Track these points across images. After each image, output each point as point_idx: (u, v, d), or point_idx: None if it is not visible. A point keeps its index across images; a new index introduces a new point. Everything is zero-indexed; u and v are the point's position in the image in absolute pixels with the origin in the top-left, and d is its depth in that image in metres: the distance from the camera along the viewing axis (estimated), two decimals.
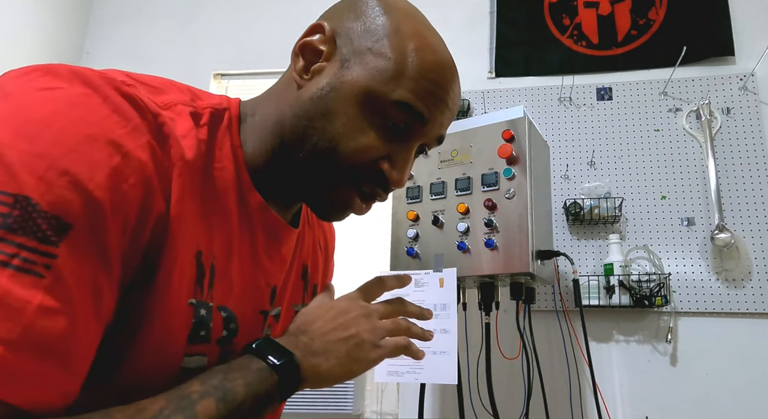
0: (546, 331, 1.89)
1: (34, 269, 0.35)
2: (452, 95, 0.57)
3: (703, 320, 1.83)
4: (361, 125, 0.53)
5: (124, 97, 0.44)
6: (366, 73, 0.53)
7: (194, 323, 0.49)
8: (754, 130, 1.96)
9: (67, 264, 0.37)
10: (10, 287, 0.34)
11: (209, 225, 0.51)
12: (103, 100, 0.42)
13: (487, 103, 2.18)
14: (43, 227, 0.36)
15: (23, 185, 0.36)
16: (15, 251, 0.35)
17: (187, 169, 0.47)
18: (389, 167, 0.55)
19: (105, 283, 0.40)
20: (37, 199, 0.36)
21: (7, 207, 0.35)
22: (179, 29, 2.61)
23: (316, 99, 0.54)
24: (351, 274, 2.16)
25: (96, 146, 0.39)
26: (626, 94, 2.10)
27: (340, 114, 0.52)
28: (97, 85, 0.43)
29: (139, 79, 0.49)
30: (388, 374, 1.39)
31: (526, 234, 1.36)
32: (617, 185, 1.99)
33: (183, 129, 0.49)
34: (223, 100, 0.57)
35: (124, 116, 0.43)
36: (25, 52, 2.34)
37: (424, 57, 0.54)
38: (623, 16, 2.20)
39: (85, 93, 0.42)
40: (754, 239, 1.85)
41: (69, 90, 0.41)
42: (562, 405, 1.80)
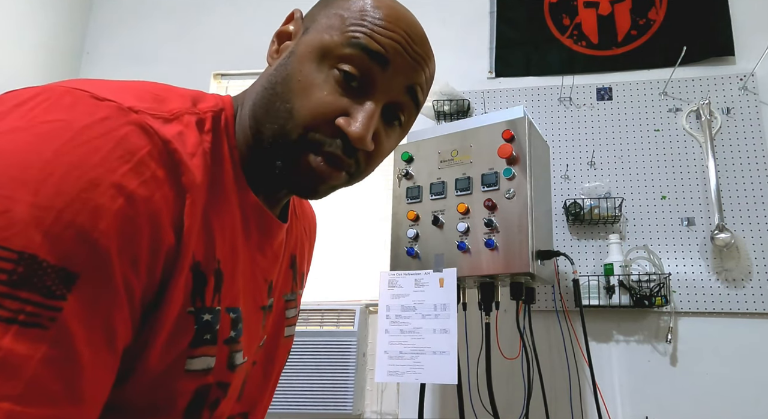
0: (546, 331, 1.89)
1: (39, 322, 0.37)
2: (416, 42, 0.55)
3: (703, 320, 1.83)
4: (314, 80, 0.52)
5: (132, 124, 0.43)
6: (321, 31, 0.54)
7: (197, 329, 0.50)
8: (754, 130, 1.96)
9: (74, 313, 0.38)
10: (12, 346, 0.35)
11: (210, 231, 0.51)
12: (106, 133, 0.41)
13: (487, 103, 2.18)
14: (48, 282, 0.37)
15: (29, 242, 0.37)
16: (20, 306, 0.36)
17: (198, 192, 0.48)
18: (345, 121, 0.52)
19: (118, 318, 0.42)
20: (43, 255, 0.37)
21: (11, 264, 0.36)
22: (179, 29, 2.61)
23: (279, 66, 0.55)
24: (351, 274, 2.16)
25: (98, 192, 0.40)
26: (626, 94, 2.10)
27: (296, 73, 0.53)
28: (102, 116, 0.42)
29: (141, 88, 0.49)
30: (388, 374, 1.39)
31: (526, 234, 1.36)
32: (617, 185, 1.99)
33: (191, 145, 0.49)
34: (219, 100, 0.57)
35: (128, 150, 0.42)
36: (25, 52, 2.34)
37: (377, 8, 0.53)
38: (623, 16, 2.20)
39: (87, 126, 0.41)
40: (754, 239, 1.85)
41: (72, 123, 0.41)
42: (562, 405, 1.80)
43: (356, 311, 2.04)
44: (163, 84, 0.53)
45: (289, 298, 0.73)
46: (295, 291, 0.75)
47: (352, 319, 2.03)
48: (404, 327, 1.41)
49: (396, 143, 0.60)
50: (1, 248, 0.36)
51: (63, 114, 0.41)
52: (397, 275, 1.47)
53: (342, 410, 1.90)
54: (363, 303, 2.08)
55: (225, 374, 0.54)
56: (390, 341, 1.42)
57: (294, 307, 0.75)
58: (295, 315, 0.76)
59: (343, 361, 1.95)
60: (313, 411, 1.90)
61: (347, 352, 1.96)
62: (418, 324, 1.40)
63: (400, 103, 0.56)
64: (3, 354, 0.35)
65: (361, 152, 0.55)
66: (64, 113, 0.41)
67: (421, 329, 1.39)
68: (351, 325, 2.02)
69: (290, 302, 0.73)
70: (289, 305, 0.73)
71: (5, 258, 0.36)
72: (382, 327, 1.44)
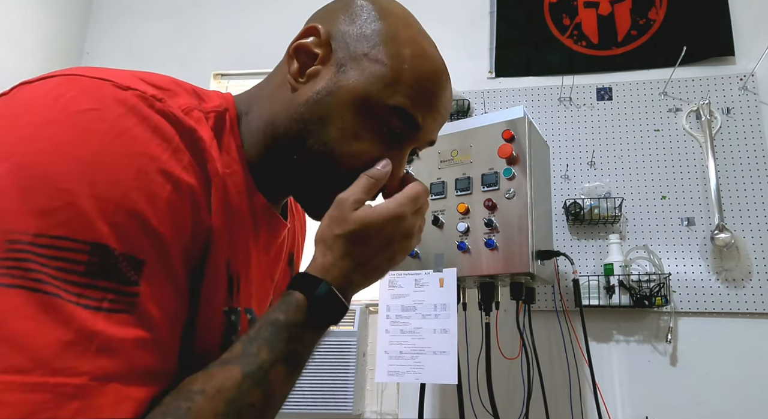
0: (546, 331, 1.89)
1: (123, 308, 0.38)
2: (444, 102, 0.58)
3: (703, 320, 1.83)
4: (356, 130, 0.53)
5: (160, 114, 0.44)
6: (363, 79, 0.53)
7: (226, 329, 0.51)
8: (754, 130, 1.96)
9: (148, 297, 0.40)
10: (106, 328, 0.37)
11: (230, 232, 0.52)
12: (141, 121, 0.42)
13: (487, 103, 2.18)
14: (122, 270, 0.39)
15: (97, 233, 0.38)
16: (102, 295, 0.38)
17: (220, 182, 0.49)
18: None
19: (179, 307, 0.44)
20: (112, 244, 0.38)
21: (86, 255, 0.37)
22: (179, 29, 2.61)
23: (312, 103, 0.54)
24: None
25: (149, 179, 0.41)
26: (626, 94, 2.10)
27: (336, 119, 0.53)
28: (131, 104, 0.43)
29: (149, 80, 0.49)
30: (388, 374, 1.39)
31: (526, 234, 1.36)
32: (617, 185, 1.99)
33: (208, 138, 0.49)
34: (222, 100, 0.57)
35: (164, 137, 0.43)
36: (25, 52, 2.34)
37: (420, 64, 0.54)
38: (623, 16, 2.20)
39: (121, 115, 0.42)
40: (754, 239, 1.85)
41: (105, 113, 0.41)
42: (562, 405, 1.80)
43: (356, 311, 2.04)
44: (165, 76, 0.53)
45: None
46: None
47: (352, 319, 2.03)
48: (404, 327, 1.41)
49: None
50: (73, 240, 0.37)
51: (93, 103, 0.41)
52: (397, 275, 1.47)
53: (342, 410, 1.90)
54: (363, 303, 2.08)
55: None
56: (390, 341, 1.42)
57: None
58: None
59: (343, 361, 1.95)
60: (313, 411, 1.90)
61: (347, 352, 1.96)
62: (418, 323, 1.40)
63: (421, 147, 0.61)
64: (102, 339, 0.36)
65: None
66: (94, 102, 0.41)
67: (421, 329, 1.39)
68: (351, 325, 2.02)
69: None
70: None
71: (79, 250, 0.37)
72: (382, 327, 1.44)
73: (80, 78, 0.43)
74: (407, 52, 0.54)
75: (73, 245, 0.37)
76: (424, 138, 0.58)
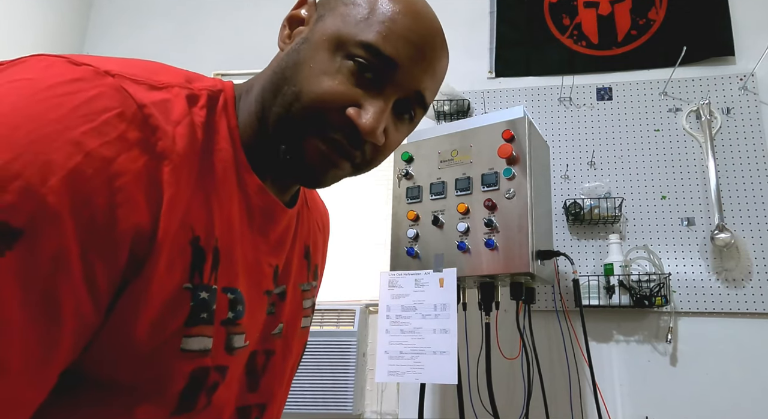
0: (546, 331, 1.89)
1: None
2: (429, 45, 0.54)
3: (703, 320, 1.83)
4: (326, 68, 0.51)
5: (105, 87, 0.42)
6: (337, 21, 0.53)
7: (192, 306, 0.48)
8: (754, 130, 1.96)
9: (10, 271, 0.36)
10: None
11: (209, 208, 0.50)
12: (72, 92, 0.40)
13: (487, 103, 2.18)
14: None
15: None
16: None
17: (180, 159, 0.46)
18: (356, 112, 0.51)
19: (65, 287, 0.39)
20: None
21: None
22: (179, 29, 2.61)
23: (291, 52, 0.54)
24: (351, 274, 2.16)
25: (52, 147, 0.37)
26: (626, 94, 2.10)
27: (308, 60, 0.52)
28: (73, 78, 0.41)
29: (132, 61, 0.48)
30: (388, 374, 1.39)
31: (526, 234, 1.36)
32: (617, 185, 1.99)
33: (178, 114, 0.47)
34: (217, 82, 0.56)
35: (95, 110, 0.40)
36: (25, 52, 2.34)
37: (396, 3, 0.53)
38: (623, 16, 2.20)
39: (53, 85, 0.40)
40: (754, 239, 1.85)
41: (38, 82, 0.39)
42: (562, 405, 1.80)
43: (356, 311, 2.04)
44: (157, 62, 0.52)
45: (305, 288, 0.73)
46: (311, 282, 0.74)
47: (352, 319, 2.03)
48: (404, 327, 1.41)
49: (404, 137, 0.60)
50: None
51: (33, 74, 0.40)
52: (397, 275, 1.47)
53: (342, 410, 1.90)
54: (363, 303, 2.08)
55: (223, 356, 0.53)
56: (390, 341, 1.42)
57: (310, 297, 0.75)
58: (311, 305, 0.76)
59: (343, 361, 1.95)
60: (313, 411, 1.90)
61: (347, 352, 1.96)
62: (418, 323, 1.40)
63: (410, 99, 0.56)
64: None
65: (368, 144, 0.54)
66: (35, 73, 0.40)
67: (422, 329, 1.39)
68: (351, 325, 2.02)
69: (306, 292, 0.73)
70: (306, 296, 0.73)
71: None
72: (382, 327, 1.44)
73: (44, 56, 0.42)
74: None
75: None
76: (405, 83, 0.53)
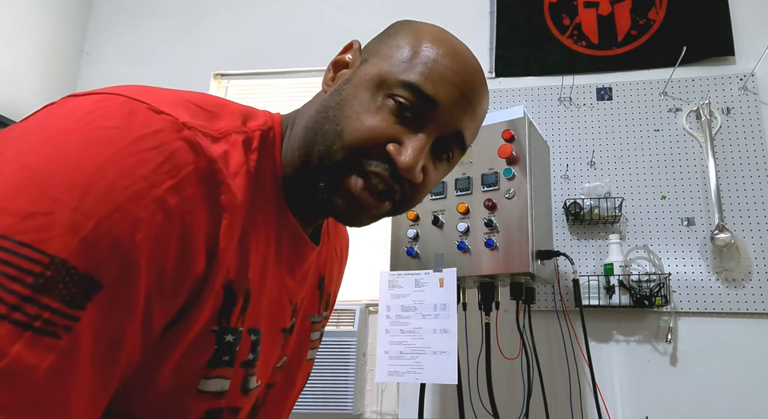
0: (546, 331, 1.89)
1: (54, 331, 0.35)
2: (469, 87, 0.54)
3: (703, 320, 1.83)
4: (368, 107, 0.52)
5: (183, 141, 0.43)
6: (380, 62, 0.54)
7: (216, 349, 0.49)
8: (754, 130, 1.96)
9: (89, 324, 0.37)
10: (20, 354, 0.34)
11: (246, 250, 0.50)
12: (157, 146, 0.41)
13: None
14: (72, 290, 0.36)
15: (64, 247, 0.36)
16: (38, 312, 0.35)
17: (237, 211, 0.47)
18: (395, 149, 0.52)
19: (129, 331, 0.41)
20: (73, 261, 0.36)
21: (40, 267, 0.35)
22: (179, 29, 2.61)
23: (334, 93, 0.55)
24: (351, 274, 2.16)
25: (141, 204, 0.39)
26: (626, 94, 2.10)
27: (351, 99, 0.53)
28: (156, 129, 0.42)
29: (196, 102, 0.48)
30: (388, 374, 1.39)
31: (526, 234, 1.36)
32: (617, 185, 1.99)
33: (236, 164, 0.48)
34: (269, 118, 0.57)
35: (176, 165, 0.42)
36: (25, 52, 2.34)
37: (438, 45, 0.54)
38: (623, 16, 2.20)
39: (141, 137, 0.41)
40: (754, 239, 1.85)
41: (125, 132, 0.40)
42: (562, 405, 1.80)
43: (356, 311, 2.04)
44: (218, 98, 0.53)
45: (315, 320, 0.71)
46: (321, 313, 0.73)
47: (352, 319, 2.03)
48: (404, 327, 1.41)
49: (442, 177, 0.60)
50: (35, 250, 0.35)
51: (119, 122, 0.41)
52: (397, 275, 1.47)
53: (342, 410, 1.90)
54: (363, 303, 2.08)
55: (238, 398, 0.53)
56: (390, 341, 1.42)
57: (319, 329, 0.73)
58: (318, 337, 0.74)
59: (343, 361, 1.95)
60: (313, 411, 1.90)
61: (347, 352, 1.96)
62: (418, 324, 1.40)
63: (449, 139, 0.56)
64: (8, 362, 0.33)
65: (406, 182, 0.54)
66: (121, 121, 0.41)
67: (422, 329, 1.39)
68: (351, 325, 2.02)
69: (315, 324, 0.72)
70: (315, 328, 0.72)
71: (36, 260, 0.35)
72: (382, 327, 1.44)
73: (119, 97, 0.43)
74: (428, 38, 0.54)
75: (33, 255, 0.35)
76: (445, 122, 0.53)
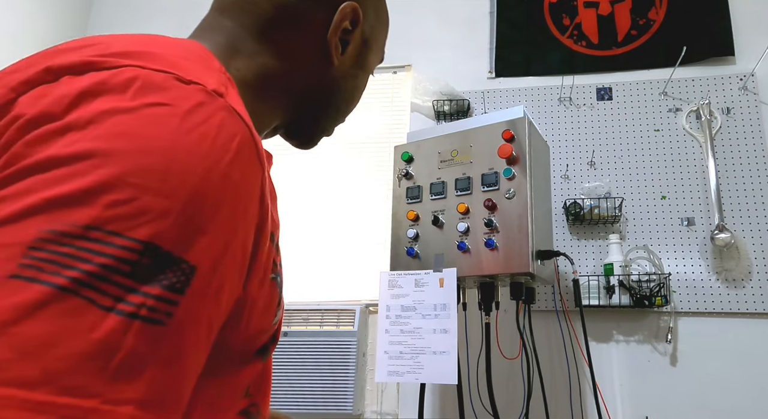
0: (546, 331, 1.89)
1: (160, 318, 0.35)
2: None
3: (703, 320, 1.83)
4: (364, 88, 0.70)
5: (223, 110, 0.42)
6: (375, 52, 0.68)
7: (278, 292, 0.52)
8: (754, 130, 1.96)
9: (188, 309, 0.37)
10: (134, 345, 0.33)
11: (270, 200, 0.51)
12: (206, 118, 0.40)
13: (487, 103, 2.18)
14: (170, 275, 0.35)
15: (156, 232, 0.35)
16: (142, 300, 0.34)
17: (265, 166, 0.47)
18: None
19: (215, 313, 0.40)
20: (167, 247, 0.35)
21: (136, 255, 0.34)
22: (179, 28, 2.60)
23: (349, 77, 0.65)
24: (351, 274, 2.16)
25: (214, 182, 0.39)
26: (626, 94, 2.10)
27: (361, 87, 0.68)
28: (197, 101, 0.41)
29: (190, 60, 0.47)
30: (388, 374, 1.39)
31: (526, 234, 1.36)
32: (617, 185, 1.99)
33: (247, 116, 0.47)
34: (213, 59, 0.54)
35: (228, 137, 0.41)
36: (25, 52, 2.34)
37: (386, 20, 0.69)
38: (623, 16, 2.20)
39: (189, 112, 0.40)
40: (754, 239, 1.85)
41: (174, 108, 0.40)
42: (562, 405, 1.80)
43: (356, 311, 2.04)
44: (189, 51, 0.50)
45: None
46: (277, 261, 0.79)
47: (352, 319, 2.03)
48: (404, 327, 1.41)
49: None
50: (127, 238, 0.34)
51: (160, 97, 0.40)
52: (397, 275, 1.47)
53: (342, 410, 1.90)
54: (363, 303, 2.08)
55: (280, 326, 0.57)
56: (390, 341, 1.42)
57: None
58: None
59: (343, 361, 1.95)
60: (313, 411, 1.90)
61: (347, 352, 1.96)
62: (418, 324, 1.40)
63: None
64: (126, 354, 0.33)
65: None
66: (161, 96, 0.40)
67: (421, 329, 1.39)
68: (351, 325, 2.02)
69: None
70: None
71: (130, 248, 0.34)
72: (382, 327, 1.44)
73: (141, 70, 0.41)
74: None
75: (126, 243, 0.34)
76: None
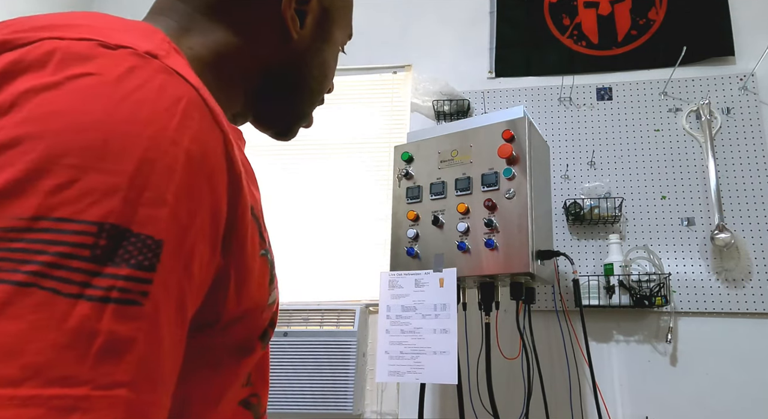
0: (546, 331, 1.89)
1: (134, 299, 0.33)
2: None
3: (703, 320, 1.83)
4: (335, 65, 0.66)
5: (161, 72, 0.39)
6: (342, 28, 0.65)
7: (270, 269, 0.50)
8: (754, 130, 1.96)
9: (162, 285, 0.35)
10: (112, 327, 0.32)
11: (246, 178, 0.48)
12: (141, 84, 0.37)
13: (487, 103, 2.18)
14: (135, 253, 0.33)
15: (108, 211, 0.33)
16: (111, 283, 0.32)
17: (228, 133, 0.43)
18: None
19: (187, 288, 0.38)
20: (125, 224, 0.33)
21: (92, 237, 0.32)
22: None
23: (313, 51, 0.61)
24: (351, 274, 2.16)
25: (161, 150, 0.36)
26: (626, 94, 2.10)
27: (332, 63, 0.65)
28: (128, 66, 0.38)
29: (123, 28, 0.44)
30: (388, 374, 1.39)
31: (526, 234, 1.36)
32: (617, 185, 1.99)
33: (195, 80, 0.43)
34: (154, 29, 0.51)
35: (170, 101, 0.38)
36: None
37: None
38: (623, 16, 2.20)
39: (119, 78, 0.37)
40: (754, 239, 1.85)
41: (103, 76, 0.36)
42: (562, 405, 1.80)
43: (356, 311, 2.04)
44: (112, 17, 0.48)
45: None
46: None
47: (352, 319, 2.03)
48: (404, 327, 1.41)
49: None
50: (77, 222, 0.32)
51: (85, 66, 0.37)
52: (397, 275, 1.47)
53: (342, 410, 1.90)
54: (363, 303, 2.08)
55: (276, 309, 0.56)
56: (390, 341, 1.42)
57: None
58: None
59: (343, 361, 1.95)
60: (313, 411, 1.90)
61: (347, 352, 1.96)
62: (418, 324, 1.40)
63: None
64: (106, 338, 0.31)
65: None
66: (86, 65, 0.37)
67: (422, 329, 1.39)
68: (351, 325, 2.02)
69: None
70: None
71: (84, 232, 0.32)
72: (382, 327, 1.44)
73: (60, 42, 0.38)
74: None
75: (78, 227, 0.32)
76: None
